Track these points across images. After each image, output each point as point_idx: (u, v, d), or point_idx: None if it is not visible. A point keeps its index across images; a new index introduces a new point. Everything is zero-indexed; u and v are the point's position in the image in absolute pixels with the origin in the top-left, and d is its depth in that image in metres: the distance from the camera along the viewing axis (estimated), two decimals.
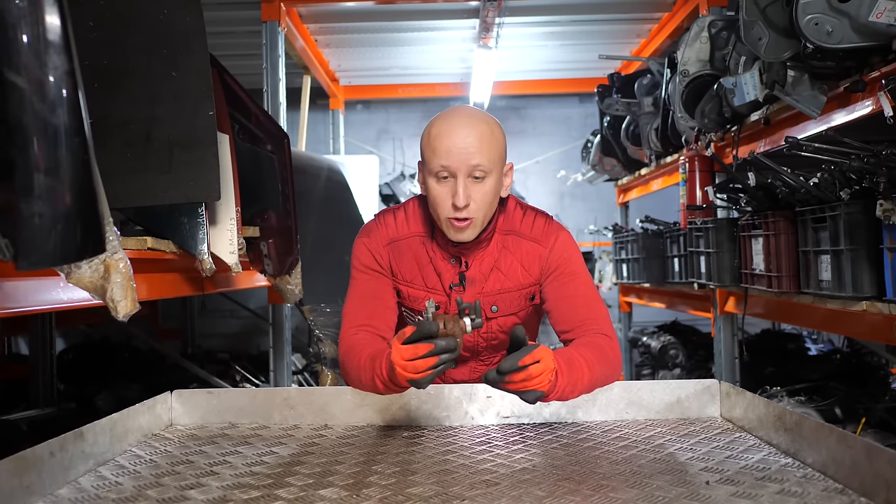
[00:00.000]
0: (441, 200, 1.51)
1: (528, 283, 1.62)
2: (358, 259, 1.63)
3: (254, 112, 2.67)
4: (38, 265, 0.93)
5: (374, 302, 1.59)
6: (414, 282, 1.62)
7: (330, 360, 3.38)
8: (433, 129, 1.51)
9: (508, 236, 1.62)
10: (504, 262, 1.61)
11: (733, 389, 1.51)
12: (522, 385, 1.29)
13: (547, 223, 1.64)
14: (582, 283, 1.60)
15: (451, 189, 1.49)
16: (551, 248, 1.61)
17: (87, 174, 0.97)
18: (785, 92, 2.38)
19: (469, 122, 1.51)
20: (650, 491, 1.08)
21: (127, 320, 1.49)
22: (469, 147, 1.47)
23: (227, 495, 1.10)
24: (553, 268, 1.60)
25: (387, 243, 1.62)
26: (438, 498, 1.07)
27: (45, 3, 0.91)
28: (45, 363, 3.83)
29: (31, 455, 1.08)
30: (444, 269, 1.61)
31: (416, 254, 1.62)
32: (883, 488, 0.97)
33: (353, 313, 1.59)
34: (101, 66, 1.98)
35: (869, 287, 2.10)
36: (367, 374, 1.42)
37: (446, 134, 1.49)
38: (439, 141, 1.49)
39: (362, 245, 1.63)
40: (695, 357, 4.69)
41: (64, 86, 0.93)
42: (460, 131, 1.48)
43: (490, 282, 1.61)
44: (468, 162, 1.47)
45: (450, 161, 1.47)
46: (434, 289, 1.62)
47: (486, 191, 1.51)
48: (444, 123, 1.51)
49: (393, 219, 1.65)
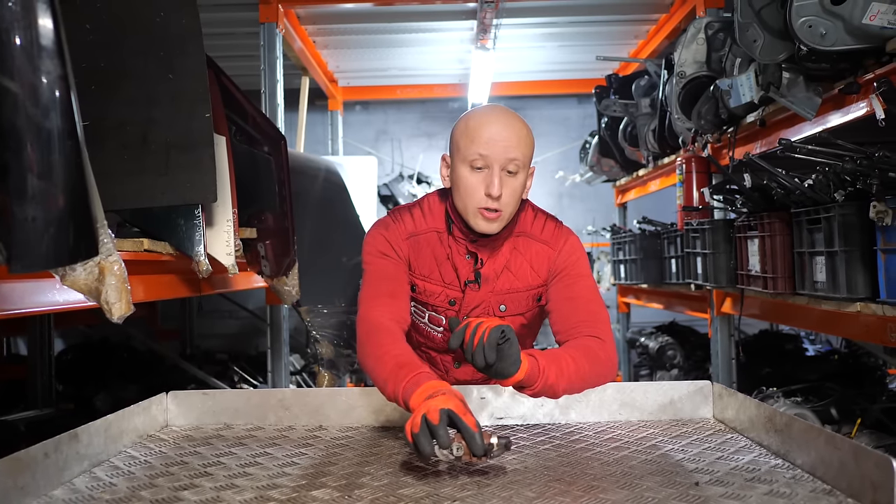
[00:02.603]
0: (473, 189, 1.52)
1: (536, 283, 1.64)
2: (373, 247, 1.62)
3: (250, 114, 2.67)
4: (31, 268, 0.93)
5: (392, 283, 1.58)
6: (431, 276, 1.64)
7: (327, 361, 3.39)
8: (472, 120, 1.54)
9: (520, 238, 1.65)
10: (514, 263, 1.64)
11: (726, 391, 1.52)
12: (476, 344, 1.25)
13: (557, 227, 1.68)
14: (585, 286, 1.62)
15: (484, 179, 1.51)
16: (560, 251, 1.64)
17: (80, 177, 0.98)
18: (780, 94, 2.39)
19: (508, 118, 1.54)
20: (640, 492, 1.08)
21: (122, 322, 1.49)
22: (509, 139, 1.51)
23: (220, 496, 1.10)
24: (559, 269, 1.63)
25: (407, 237, 1.63)
26: (429, 499, 1.08)
27: (37, 7, 0.92)
28: (43, 364, 3.84)
29: (26, 456, 1.09)
30: (461, 265, 1.63)
31: (434, 249, 1.64)
32: (870, 489, 0.97)
33: (372, 292, 1.56)
34: (97, 68, 1.99)
35: (863, 288, 2.11)
36: (387, 379, 1.36)
37: (488, 124, 1.51)
38: (480, 131, 1.51)
39: (379, 235, 1.63)
40: (692, 358, 4.70)
41: (57, 89, 0.93)
42: (501, 124, 1.52)
43: (501, 281, 1.63)
44: (506, 154, 1.50)
45: (490, 150, 1.50)
46: (451, 285, 1.64)
47: (517, 186, 1.55)
48: (484, 115, 1.54)
49: (410, 215, 1.66)
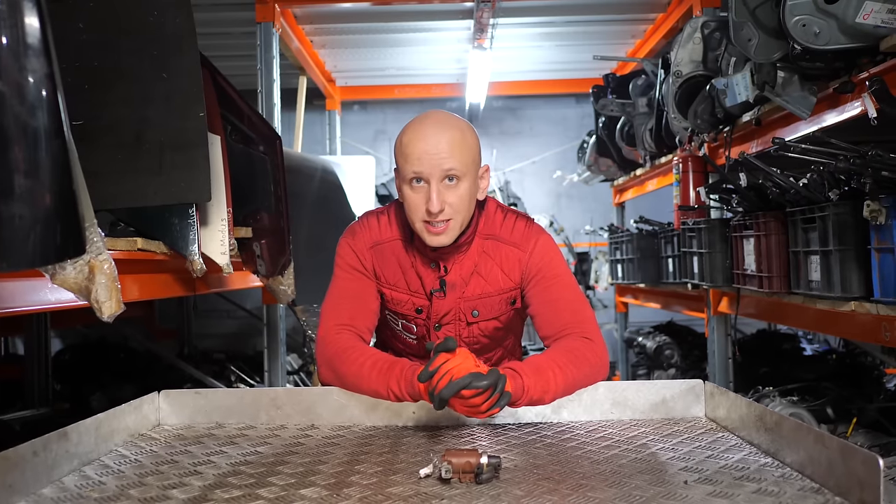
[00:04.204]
0: (416, 206, 1.51)
1: (508, 287, 1.62)
2: (342, 258, 1.64)
3: (246, 113, 2.67)
4: (17, 266, 0.94)
5: (355, 302, 1.60)
6: (398, 285, 1.63)
7: None
8: (404, 137, 1.52)
9: (488, 240, 1.62)
10: (484, 267, 1.62)
11: (717, 390, 1.52)
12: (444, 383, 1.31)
13: (527, 227, 1.64)
14: (564, 285, 1.60)
15: (424, 195, 1.50)
16: (531, 253, 1.61)
17: (66, 176, 0.98)
18: (775, 93, 2.39)
19: (439, 127, 1.51)
20: (628, 490, 1.08)
21: (112, 321, 1.49)
22: (441, 152, 1.48)
23: (209, 495, 1.10)
24: (534, 272, 1.61)
25: (371, 246, 1.63)
26: (417, 497, 1.08)
27: (23, 5, 0.92)
28: (40, 363, 3.85)
29: (14, 455, 1.08)
30: (424, 274, 1.61)
31: (399, 258, 1.63)
32: (857, 488, 0.97)
33: (334, 311, 1.60)
34: (91, 67, 1.99)
35: (857, 287, 2.11)
36: (372, 383, 1.46)
37: (417, 140, 1.49)
38: (410, 147, 1.49)
39: (347, 245, 1.64)
40: (690, 357, 4.69)
41: (43, 88, 0.93)
42: (431, 137, 1.49)
43: (470, 286, 1.61)
44: (440, 167, 1.48)
45: (422, 167, 1.48)
46: (417, 293, 1.63)
47: (461, 194, 1.51)
48: (414, 130, 1.51)
49: (377, 221, 1.65)
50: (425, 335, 1.66)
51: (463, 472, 1.13)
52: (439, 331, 1.65)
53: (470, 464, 1.13)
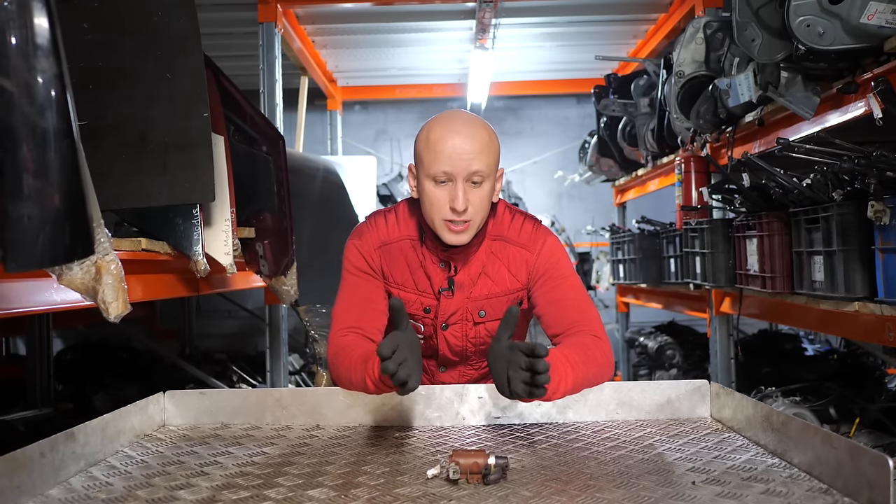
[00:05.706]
0: (439, 203, 1.51)
1: (515, 287, 1.63)
2: (349, 261, 1.64)
3: (249, 113, 2.67)
4: (26, 267, 0.94)
5: (363, 304, 1.60)
6: (406, 285, 1.63)
7: (325, 361, 3.39)
8: (432, 134, 1.51)
9: (496, 241, 1.62)
10: (492, 268, 1.62)
11: (723, 390, 1.52)
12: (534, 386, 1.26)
13: (535, 228, 1.64)
14: (570, 286, 1.60)
15: (449, 193, 1.50)
16: (538, 253, 1.61)
17: (75, 176, 0.98)
18: (778, 93, 2.39)
19: (469, 128, 1.51)
20: (636, 491, 1.08)
21: (119, 321, 1.49)
22: (470, 152, 1.48)
23: (217, 496, 1.10)
24: (541, 273, 1.61)
25: (378, 246, 1.63)
26: (426, 498, 1.08)
27: (33, 6, 0.92)
28: (42, 364, 3.84)
29: (22, 456, 1.09)
30: (434, 273, 1.61)
31: (408, 257, 1.63)
32: (866, 488, 0.97)
33: (342, 315, 1.60)
34: (95, 67, 1.99)
35: (861, 287, 2.11)
36: (358, 374, 1.42)
37: (448, 137, 1.49)
38: (440, 145, 1.48)
39: (353, 247, 1.64)
40: (691, 357, 4.69)
41: (52, 89, 0.93)
42: (462, 136, 1.48)
43: (478, 287, 1.62)
44: (469, 167, 1.48)
45: (452, 166, 1.48)
46: (425, 292, 1.63)
47: (483, 196, 1.52)
48: (444, 128, 1.51)
49: (384, 221, 1.65)
50: (432, 335, 1.66)
51: (471, 473, 1.13)
52: (446, 331, 1.65)
53: (477, 464, 1.13)
